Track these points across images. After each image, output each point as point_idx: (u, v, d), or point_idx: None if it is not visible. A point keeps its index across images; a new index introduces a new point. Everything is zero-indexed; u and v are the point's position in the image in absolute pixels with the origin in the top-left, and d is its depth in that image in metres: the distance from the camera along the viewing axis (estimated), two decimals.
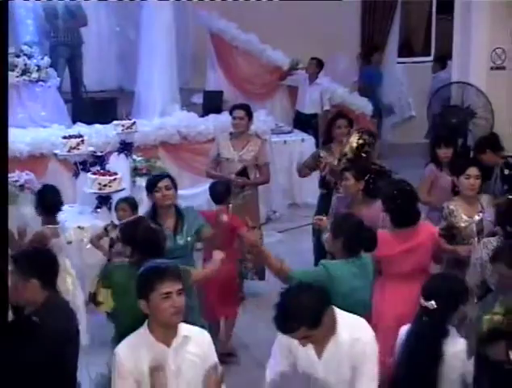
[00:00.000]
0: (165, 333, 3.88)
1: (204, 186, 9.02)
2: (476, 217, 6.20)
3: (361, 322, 4.16)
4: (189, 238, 6.19)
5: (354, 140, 7.30)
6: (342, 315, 4.08)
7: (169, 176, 6.55)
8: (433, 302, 4.24)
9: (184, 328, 3.95)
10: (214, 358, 3.98)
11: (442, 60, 13.16)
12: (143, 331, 3.94)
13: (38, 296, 4.35)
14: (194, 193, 9.01)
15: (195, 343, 3.92)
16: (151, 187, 6.42)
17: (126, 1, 11.98)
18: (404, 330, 4.50)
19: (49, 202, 6.56)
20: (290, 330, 3.85)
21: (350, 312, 4.87)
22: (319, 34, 12.47)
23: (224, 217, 6.69)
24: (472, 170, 6.35)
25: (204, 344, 3.98)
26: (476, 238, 6.09)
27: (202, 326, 4.46)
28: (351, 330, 4.02)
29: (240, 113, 8.22)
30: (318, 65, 12.00)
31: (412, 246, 5.40)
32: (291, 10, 12.57)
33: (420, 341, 4.26)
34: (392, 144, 12.92)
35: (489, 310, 4.20)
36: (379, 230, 5.67)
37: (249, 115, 8.29)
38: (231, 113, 8.38)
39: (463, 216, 6.27)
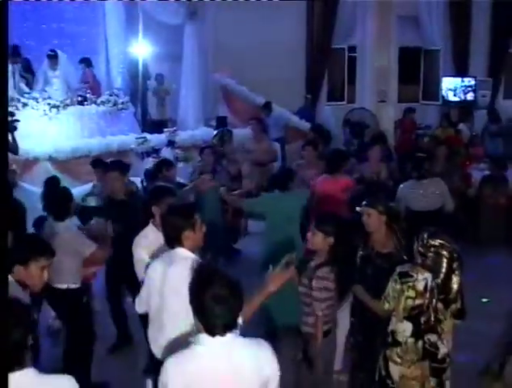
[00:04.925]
0: (194, 248, 3.28)
1: None
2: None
3: None
4: None
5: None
6: None
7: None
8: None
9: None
10: None
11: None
12: (179, 248, 3.28)
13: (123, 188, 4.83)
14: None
15: None
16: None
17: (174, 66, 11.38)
18: None
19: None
20: None
21: (283, 224, 4.64)
22: (282, 87, 11.77)
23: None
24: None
25: None
26: None
27: None
28: None
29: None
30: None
31: (340, 186, 5.26)
32: (266, 72, 11.76)
33: None
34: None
35: None
36: (324, 175, 5.53)
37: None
38: None
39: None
